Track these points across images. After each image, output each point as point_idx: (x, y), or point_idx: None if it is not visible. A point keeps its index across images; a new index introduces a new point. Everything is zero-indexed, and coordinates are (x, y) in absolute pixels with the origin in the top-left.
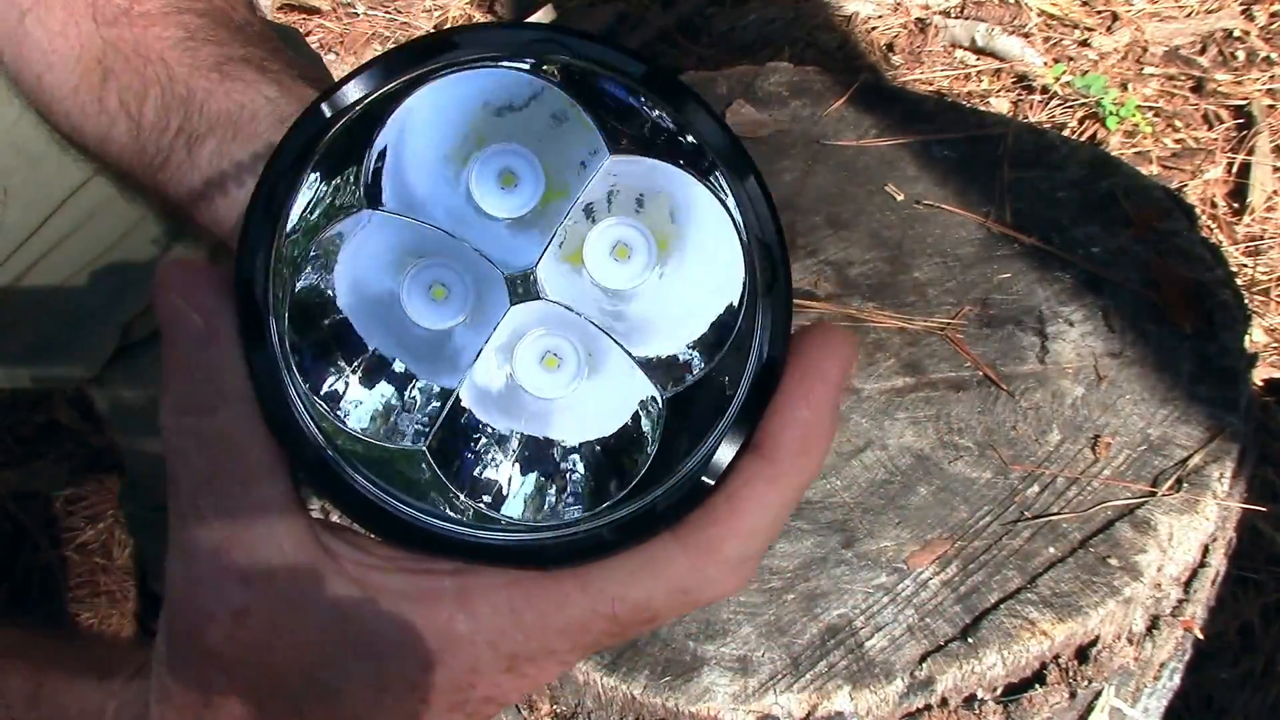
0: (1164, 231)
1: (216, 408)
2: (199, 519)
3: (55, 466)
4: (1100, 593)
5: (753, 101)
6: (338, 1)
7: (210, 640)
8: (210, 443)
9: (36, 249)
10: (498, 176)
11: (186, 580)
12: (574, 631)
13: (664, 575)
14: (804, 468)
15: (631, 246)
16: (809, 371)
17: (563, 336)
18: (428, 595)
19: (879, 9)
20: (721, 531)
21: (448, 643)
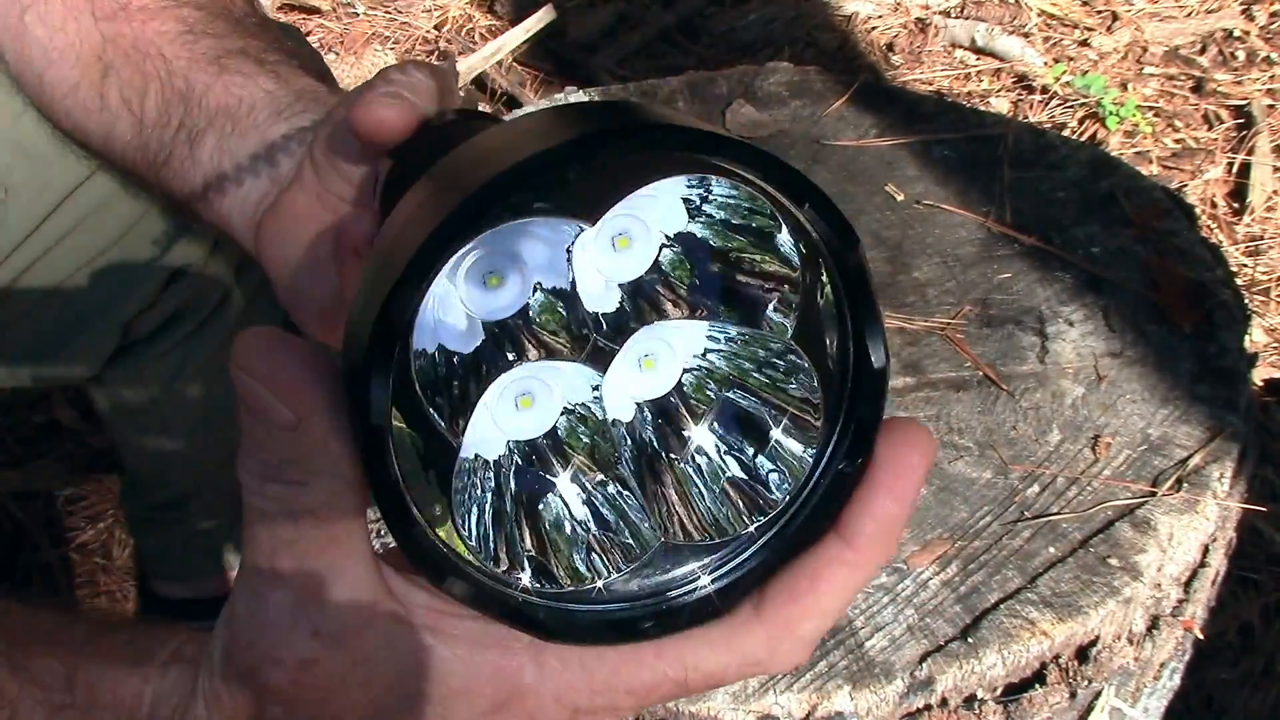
0: (1164, 231)
1: (308, 483)
2: (274, 573)
3: (55, 466)
4: (1100, 593)
5: (753, 101)
6: (338, 1)
7: (273, 680)
8: (297, 511)
9: (37, 247)
10: (482, 280)
11: (254, 624)
12: (641, 692)
13: (739, 648)
14: (882, 555)
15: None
16: (896, 466)
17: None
18: (500, 643)
19: (879, 9)
20: (801, 611)
21: (514, 692)
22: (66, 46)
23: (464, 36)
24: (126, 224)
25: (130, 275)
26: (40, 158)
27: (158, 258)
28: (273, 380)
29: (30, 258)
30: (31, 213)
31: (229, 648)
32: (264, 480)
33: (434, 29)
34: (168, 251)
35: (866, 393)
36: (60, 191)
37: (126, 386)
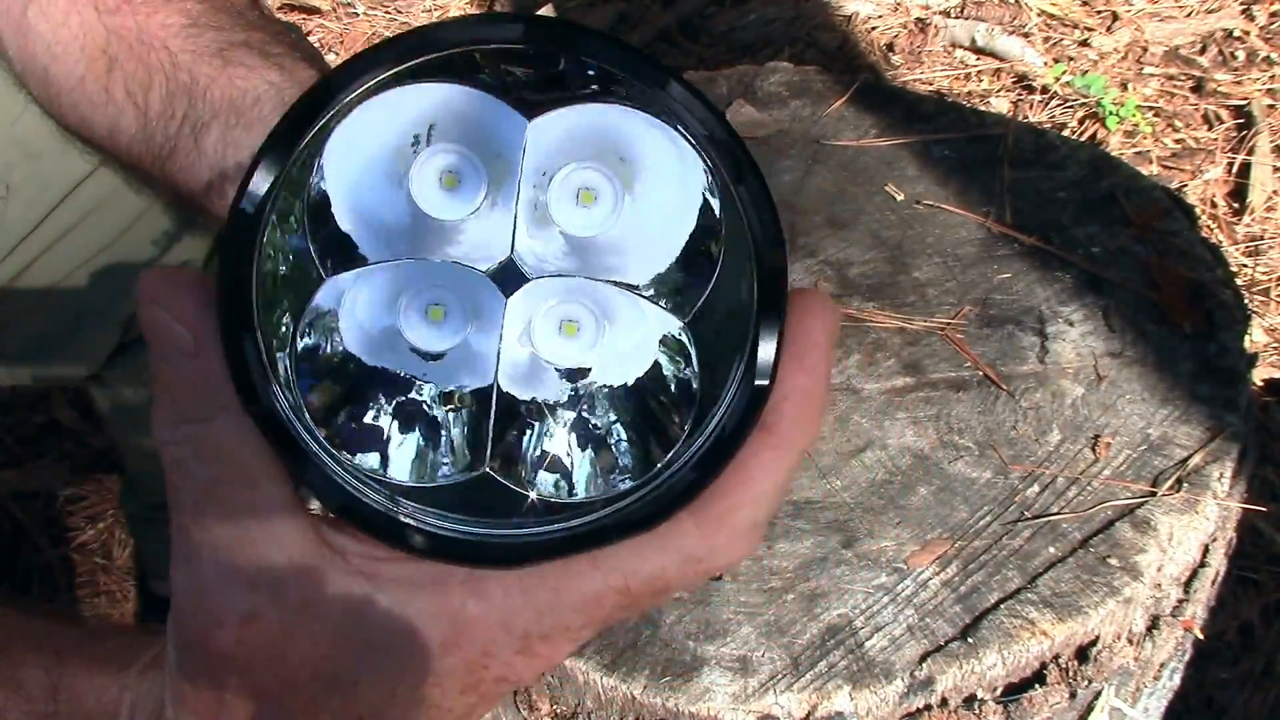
0: (1164, 231)
1: (210, 417)
2: (201, 527)
3: (55, 466)
4: (1100, 593)
5: (753, 101)
6: (338, 1)
7: (220, 644)
8: (207, 451)
9: (37, 245)
10: (439, 181)
11: (192, 588)
12: (587, 607)
13: (676, 547)
14: (805, 433)
15: (594, 188)
16: (799, 340)
17: (574, 301)
18: (437, 581)
19: (879, 9)
20: (731, 501)
21: (460, 627)
22: (71, 41)
23: None
24: (126, 222)
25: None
26: (41, 156)
27: (158, 256)
28: (172, 306)
29: (30, 256)
30: (32, 211)
31: (179, 630)
32: (173, 425)
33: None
34: (168, 250)
35: (736, 409)
36: (61, 190)
37: (126, 386)
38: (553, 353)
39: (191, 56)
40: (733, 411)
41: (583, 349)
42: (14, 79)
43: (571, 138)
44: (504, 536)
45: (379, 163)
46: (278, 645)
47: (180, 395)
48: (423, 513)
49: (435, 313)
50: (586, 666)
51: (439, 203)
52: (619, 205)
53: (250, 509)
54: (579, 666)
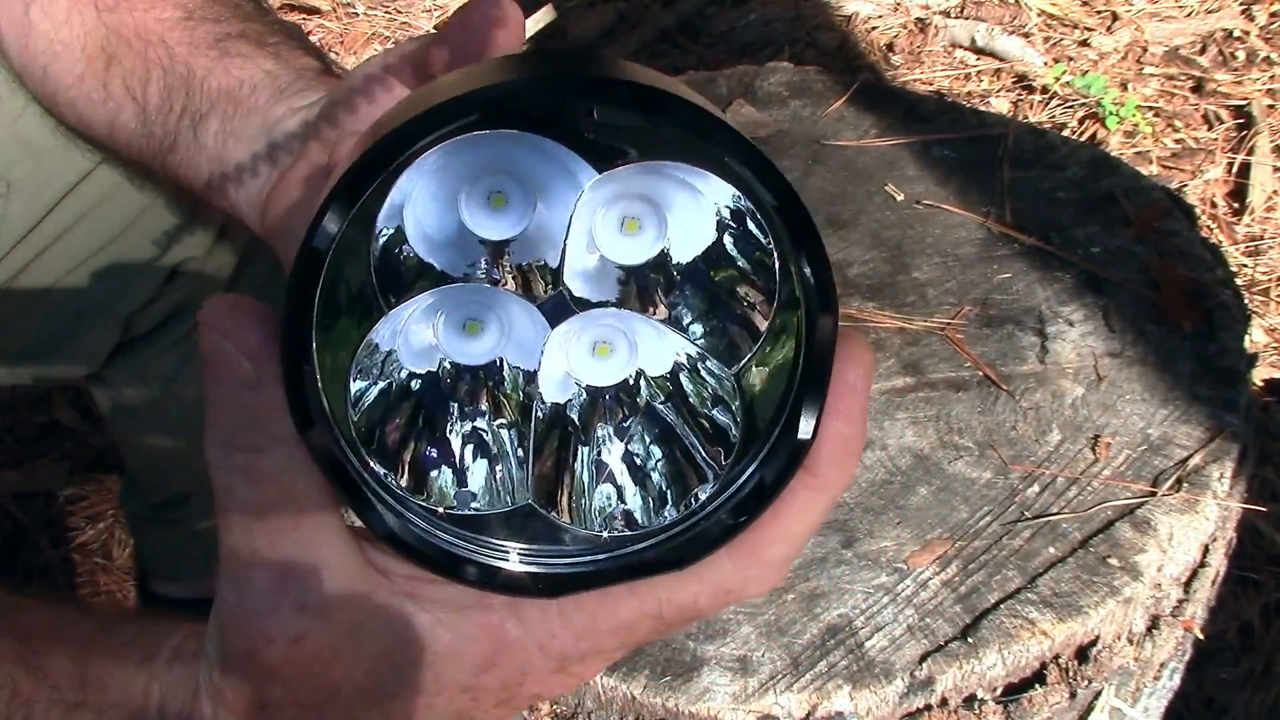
0: (1164, 231)
1: (264, 448)
2: (251, 553)
3: (55, 466)
4: (1100, 593)
5: (753, 101)
6: (338, 1)
7: (267, 659)
8: (258, 479)
9: (38, 243)
10: (486, 199)
11: (241, 608)
12: (622, 631)
13: (710, 578)
14: (841, 476)
15: (639, 218)
16: (838, 387)
17: (607, 325)
18: (480, 604)
19: (879, 9)
20: (767, 536)
21: (500, 648)
22: (72, 39)
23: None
24: (127, 220)
25: (130, 272)
26: (42, 154)
27: (158, 255)
28: (235, 335)
29: (31, 254)
30: (32, 209)
31: (223, 639)
32: (228, 450)
33: (434, 29)
34: (168, 248)
35: (780, 456)
36: (61, 188)
37: (127, 385)
38: (583, 373)
39: (188, 49)
40: (774, 461)
41: (617, 369)
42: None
43: (630, 189)
44: (549, 567)
45: (447, 202)
46: (323, 663)
47: (235, 424)
48: (472, 541)
49: (473, 327)
50: None
51: (489, 224)
52: (662, 234)
53: (298, 536)
54: None
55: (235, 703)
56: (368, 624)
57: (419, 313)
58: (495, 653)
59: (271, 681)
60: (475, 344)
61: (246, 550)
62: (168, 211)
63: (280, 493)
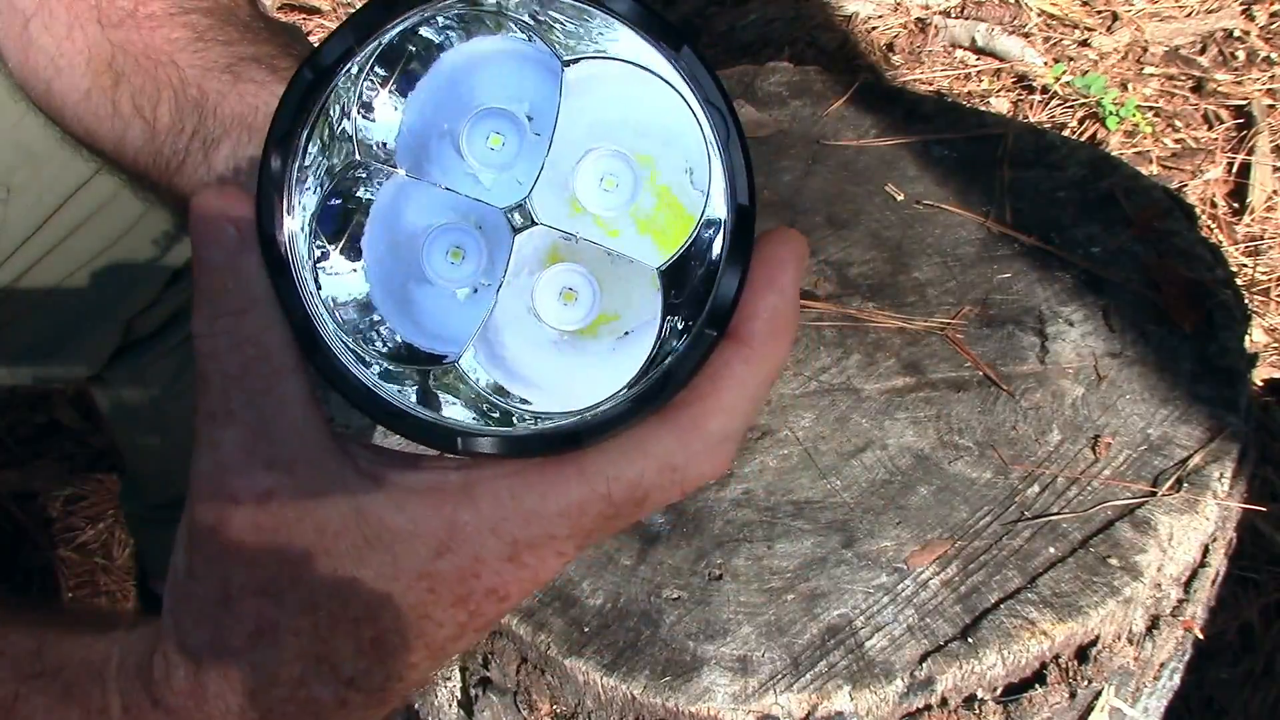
0: (1164, 231)
1: (247, 310)
2: (228, 413)
3: (55, 466)
4: (1100, 593)
5: (753, 101)
6: (338, 1)
7: (234, 527)
8: (241, 342)
9: (39, 247)
10: (485, 140)
11: (214, 469)
12: (572, 513)
13: (653, 452)
14: (776, 350)
15: (617, 176)
16: (771, 264)
17: (576, 272)
18: (435, 488)
19: (879, 9)
20: (704, 408)
21: (454, 531)
22: (75, 54)
23: None
24: (127, 223)
25: (131, 274)
26: (42, 159)
27: (158, 257)
28: (221, 207)
29: (32, 257)
30: (33, 213)
31: (192, 520)
32: (212, 319)
33: None
34: (168, 251)
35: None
36: (62, 192)
37: (128, 386)
38: (548, 315)
39: (200, 72)
40: (701, 323)
41: (577, 318)
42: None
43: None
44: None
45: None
46: (288, 528)
47: (220, 288)
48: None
49: (455, 254)
50: (586, 666)
51: (485, 165)
52: (635, 197)
53: (275, 398)
54: (579, 666)
55: (199, 602)
56: (330, 492)
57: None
58: (449, 536)
59: (233, 559)
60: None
61: (223, 412)
62: (168, 215)
63: (257, 353)
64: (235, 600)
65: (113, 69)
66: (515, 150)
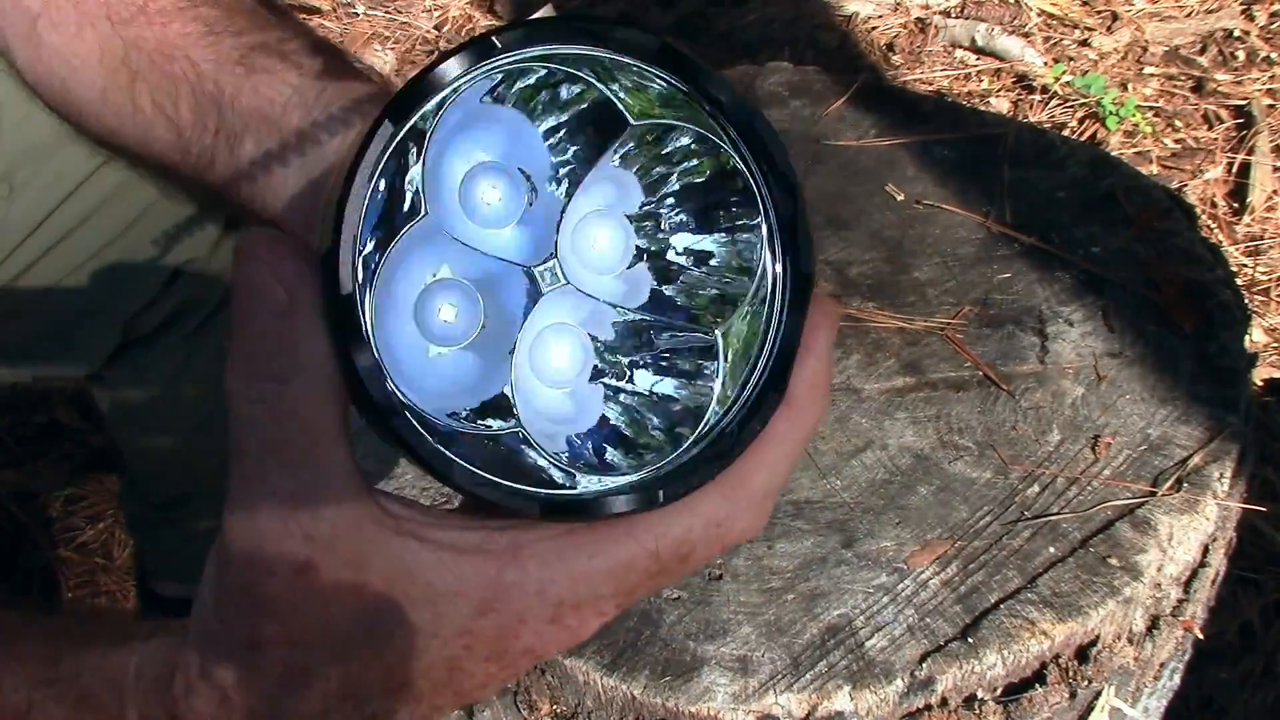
0: (1164, 231)
1: (290, 378)
2: (263, 482)
3: (55, 466)
4: (1100, 593)
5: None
6: (338, 1)
7: (266, 592)
8: (282, 413)
9: (39, 244)
10: (479, 197)
11: (249, 536)
12: (618, 573)
13: (699, 510)
14: (815, 410)
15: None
16: (811, 329)
17: (575, 335)
18: (481, 547)
19: (879, 9)
20: (748, 466)
21: (499, 590)
22: (88, 53)
23: (464, 37)
24: (128, 221)
25: (131, 273)
26: (45, 156)
27: (159, 256)
28: (272, 264)
29: (32, 255)
30: (34, 210)
31: (221, 574)
32: (250, 379)
33: (434, 29)
34: (169, 250)
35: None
36: (64, 189)
37: (128, 385)
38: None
39: (214, 66)
40: (763, 385)
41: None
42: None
43: None
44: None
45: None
46: (324, 596)
47: (263, 351)
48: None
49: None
50: (586, 666)
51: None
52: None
53: (312, 468)
54: (579, 666)
55: (225, 644)
56: (372, 559)
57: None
58: (494, 596)
59: (268, 615)
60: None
61: (258, 480)
62: (169, 213)
63: (299, 425)
64: (265, 648)
65: (127, 66)
66: (513, 206)
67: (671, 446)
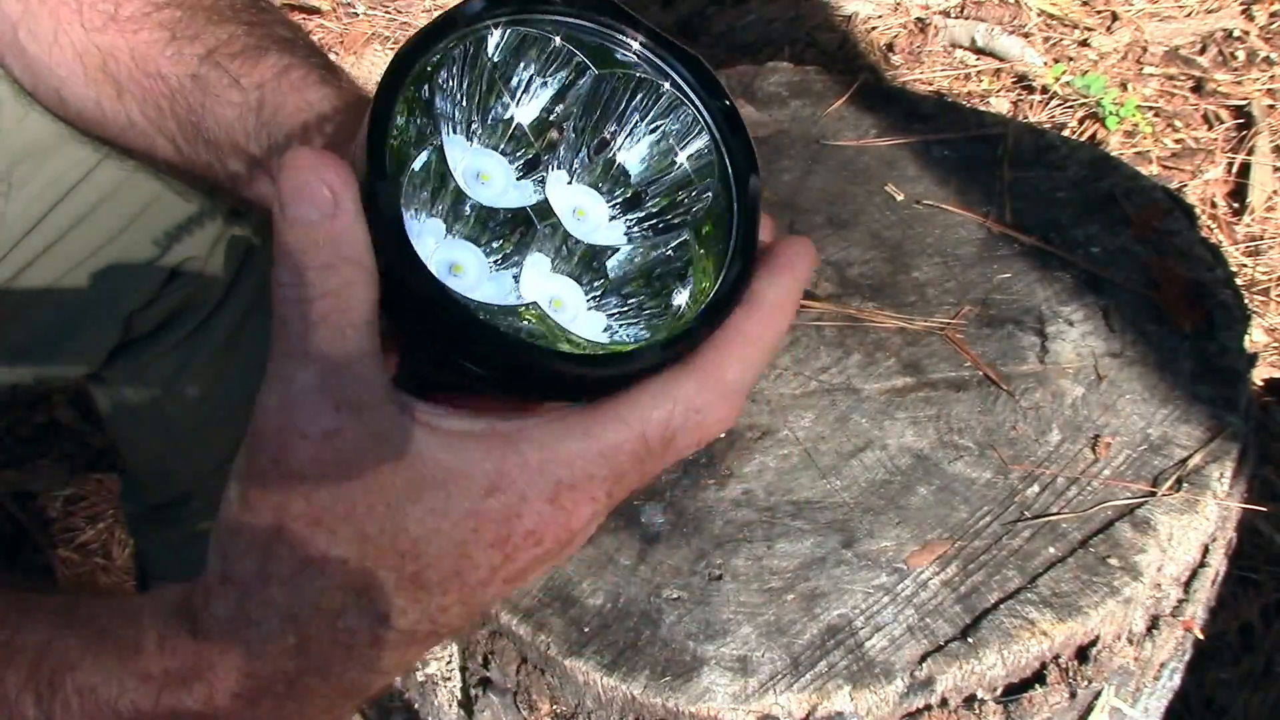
0: (1164, 231)
1: (335, 265)
2: (304, 354)
3: (55, 466)
4: (1100, 593)
5: (753, 101)
6: (338, 1)
7: (297, 458)
8: (325, 292)
9: (38, 243)
10: (475, 177)
11: (284, 404)
12: (609, 453)
13: (679, 396)
14: (781, 318)
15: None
16: (790, 255)
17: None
18: (488, 433)
19: (879, 9)
20: (723, 357)
21: (503, 472)
22: (69, 62)
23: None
24: (127, 220)
25: (130, 272)
26: (44, 154)
27: (158, 255)
28: (316, 169)
29: (31, 254)
30: (33, 209)
31: (253, 451)
32: (299, 270)
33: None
34: (168, 249)
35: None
36: (62, 188)
37: (127, 385)
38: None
39: (178, 81)
40: (729, 281)
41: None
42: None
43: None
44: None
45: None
46: (347, 466)
47: (309, 244)
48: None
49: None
50: (586, 666)
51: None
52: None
53: (350, 345)
54: (579, 666)
55: (251, 531)
56: (391, 435)
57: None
58: (500, 476)
59: (295, 489)
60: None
61: (299, 352)
62: (168, 211)
63: (340, 303)
64: (287, 529)
65: (110, 77)
66: (501, 188)
67: (669, 314)
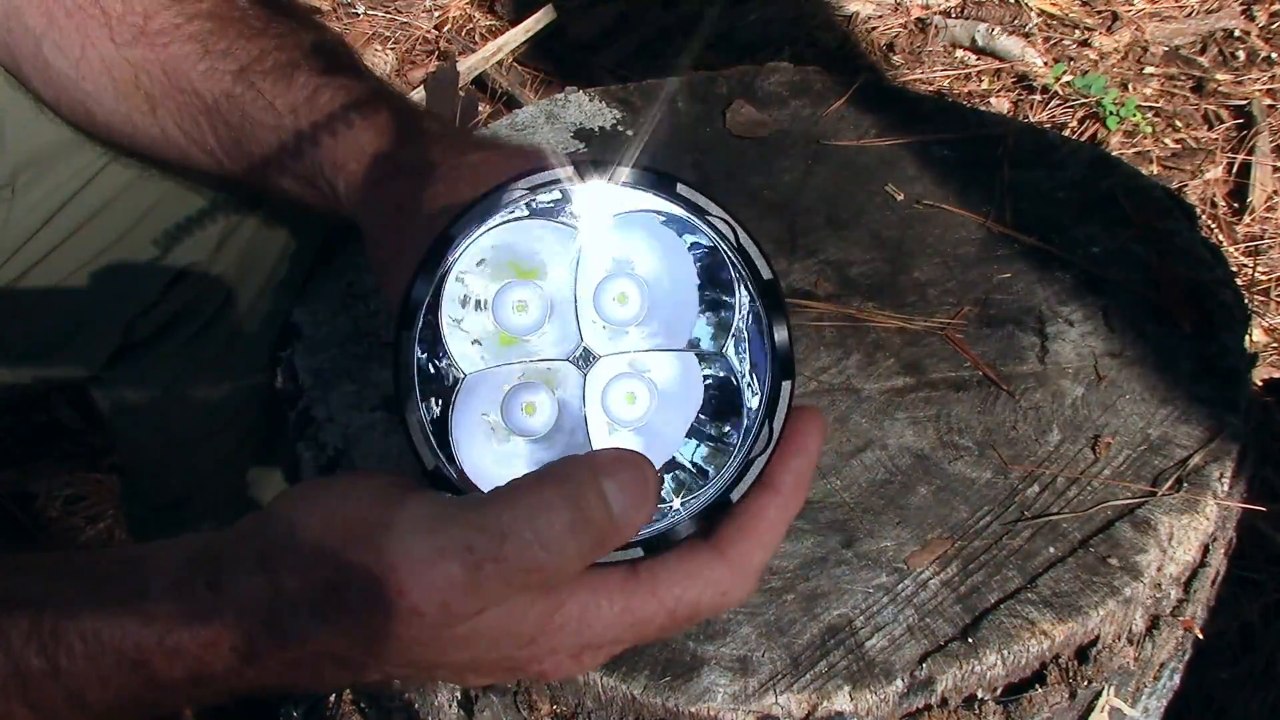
0: (1164, 231)
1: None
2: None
3: (55, 466)
4: (1100, 593)
5: (753, 101)
6: (338, 1)
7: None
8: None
9: (41, 247)
10: (512, 309)
11: (445, 555)
12: (638, 625)
13: (711, 580)
14: (798, 500)
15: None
16: (803, 433)
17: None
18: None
19: (879, 9)
20: (748, 545)
21: (543, 629)
22: (98, 76)
23: (464, 37)
24: (129, 224)
25: (132, 275)
26: (47, 159)
27: (160, 258)
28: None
29: (34, 257)
30: (36, 213)
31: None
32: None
33: (434, 29)
34: (170, 252)
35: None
36: (66, 192)
37: (128, 387)
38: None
39: (213, 98)
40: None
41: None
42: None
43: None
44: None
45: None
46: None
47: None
48: None
49: (529, 408)
50: None
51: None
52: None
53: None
54: None
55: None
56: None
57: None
58: (539, 631)
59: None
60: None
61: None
62: (172, 215)
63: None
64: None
65: (142, 91)
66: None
67: (702, 482)
